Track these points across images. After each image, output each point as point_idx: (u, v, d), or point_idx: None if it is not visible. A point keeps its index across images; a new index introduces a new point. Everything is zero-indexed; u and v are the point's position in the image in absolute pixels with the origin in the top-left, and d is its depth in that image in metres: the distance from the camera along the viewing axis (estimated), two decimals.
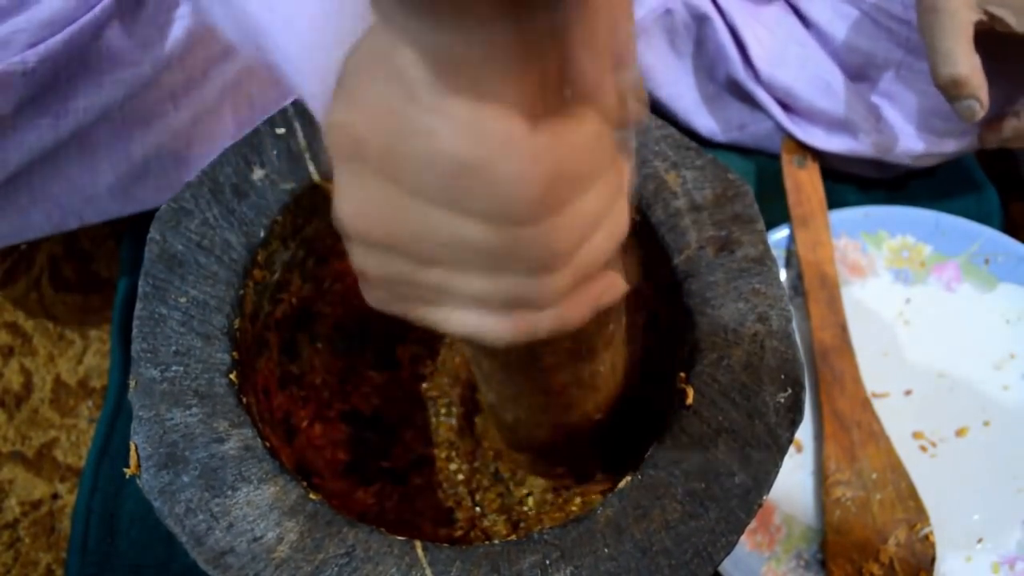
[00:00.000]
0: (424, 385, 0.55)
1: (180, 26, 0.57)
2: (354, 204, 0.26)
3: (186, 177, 0.61)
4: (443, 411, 0.54)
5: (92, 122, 0.56)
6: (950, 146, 0.66)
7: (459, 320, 0.28)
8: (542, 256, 0.25)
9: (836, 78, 0.66)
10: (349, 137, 0.24)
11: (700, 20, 0.67)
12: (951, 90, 0.56)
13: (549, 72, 0.23)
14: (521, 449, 0.49)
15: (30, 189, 0.58)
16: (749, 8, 0.68)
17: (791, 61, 0.66)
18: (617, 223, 0.28)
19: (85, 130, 0.56)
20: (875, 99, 0.67)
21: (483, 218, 0.24)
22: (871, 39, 0.65)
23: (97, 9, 0.52)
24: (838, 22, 0.66)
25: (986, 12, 0.55)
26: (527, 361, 0.37)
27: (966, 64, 0.55)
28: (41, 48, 0.51)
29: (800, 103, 0.67)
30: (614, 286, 0.30)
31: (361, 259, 0.28)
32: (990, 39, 0.56)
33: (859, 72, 0.67)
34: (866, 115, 0.66)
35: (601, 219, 0.26)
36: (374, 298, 0.29)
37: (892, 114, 0.67)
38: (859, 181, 0.72)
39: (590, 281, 0.28)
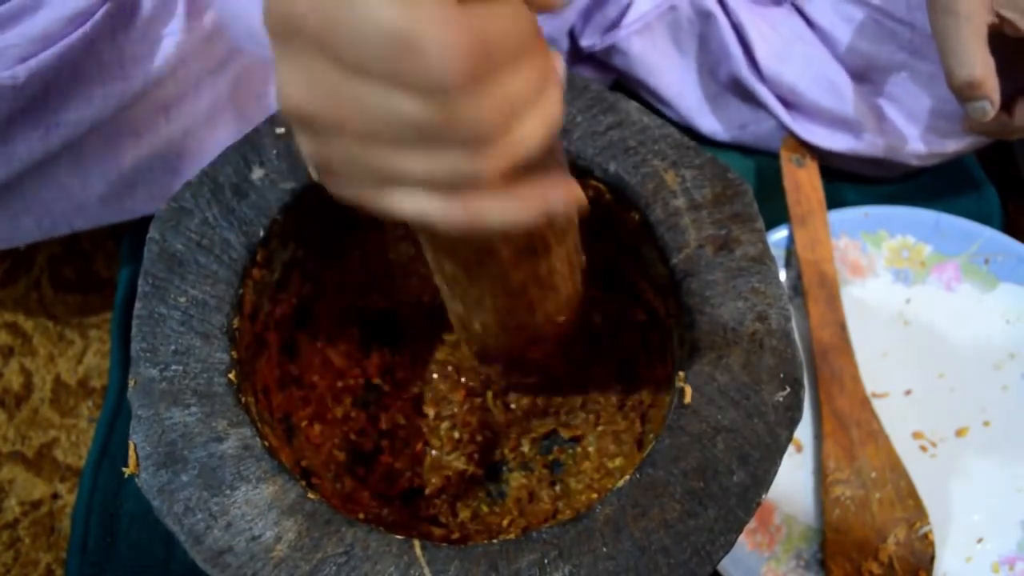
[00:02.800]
0: (424, 386, 0.55)
1: (170, 42, 0.57)
2: (296, 87, 0.27)
3: (177, 188, 0.61)
4: (443, 411, 0.54)
5: (82, 134, 0.56)
6: (952, 146, 0.66)
7: (409, 204, 0.29)
8: (473, 129, 0.26)
9: (840, 77, 0.66)
10: (288, 15, 0.26)
11: (704, 17, 0.67)
12: (966, 92, 0.56)
13: None
14: (491, 360, 0.50)
15: (22, 196, 0.58)
16: (754, 8, 0.68)
17: (795, 59, 0.66)
18: (549, 110, 0.29)
19: (75, 141, 0.57)
20: (878, 101, 0.67)
21: (415, 89, 0.25)
22: (874, 42, 0.65)
23: (88, 26, 0.53)
24: (841, 25, 0.66)
25: (998, 15, 0.55)
26: (485, 257, 0.38)
27: (982, 67, 0.55)
28: (32, 63, 0.52)
29: (803, 101, 0.67)
30: (564, 187, 0.31)
31: (309, 145, 0.29)
32: (997, 41, 0.56)
33: (862, 74, 0.67)
34: (869, 115, 0.66)
35: (530, 101, 0.28)
36: (330, 183, 0.31)
37: (895, 115, 0.67)
38: (859, 180, 0.72)
39: (534, 176, 0.30)
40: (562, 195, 0.31)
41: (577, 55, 0.72)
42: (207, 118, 0.61)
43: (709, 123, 0.72)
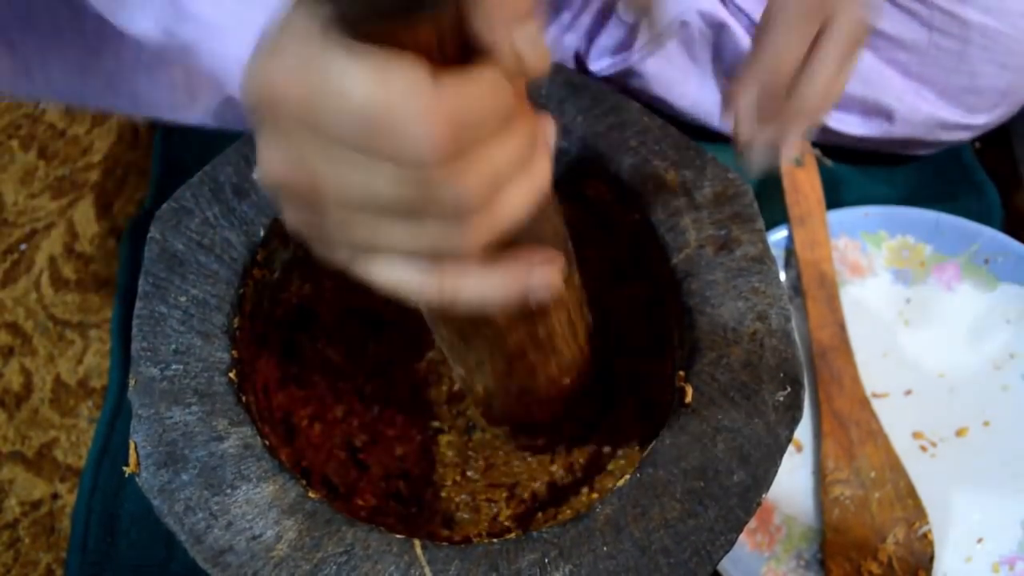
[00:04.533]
0: (423, 384, 0.55)
1: None
2: (276, 160, 0.27)
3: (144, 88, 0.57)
4: (443, 411, 0.54)
5: None
6: (982, 119, 0.67)
7: (387, 275, 0.29)
8: (453, 203, 0.26)
9: (865, 64, 0.66)
10: (268, 94, 0.26)
11: (717, 29, 0.67)
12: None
13: (444, 29, 0.25)
14: (498, 423, 0.50)
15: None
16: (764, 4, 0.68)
17: None
18: (534, 179, 0.29)
19: None
20: (906, 80, 0.67)
21: (392, 164, 0.25)
22: (896, 23, 0.65)
23: None
24: None
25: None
26: (480, 322, 0.37)
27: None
28: None
29: None
30: (547, 262, 0.31)
31: (292, 215, 0.29)
32: None
33: (888, 57, 0.67)
34: (901, 97, 0.66)
35: (514, 172, 0.28)
36: (314, 247, 0.31)
37: (927, 93, 0.67)
38: (859, 177, 0.72)
39: (520, 247, 0.30)
40: (544, 273, 0.31)
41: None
42: None
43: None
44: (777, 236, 0.66)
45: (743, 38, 0.67)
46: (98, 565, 0.58)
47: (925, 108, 0.66)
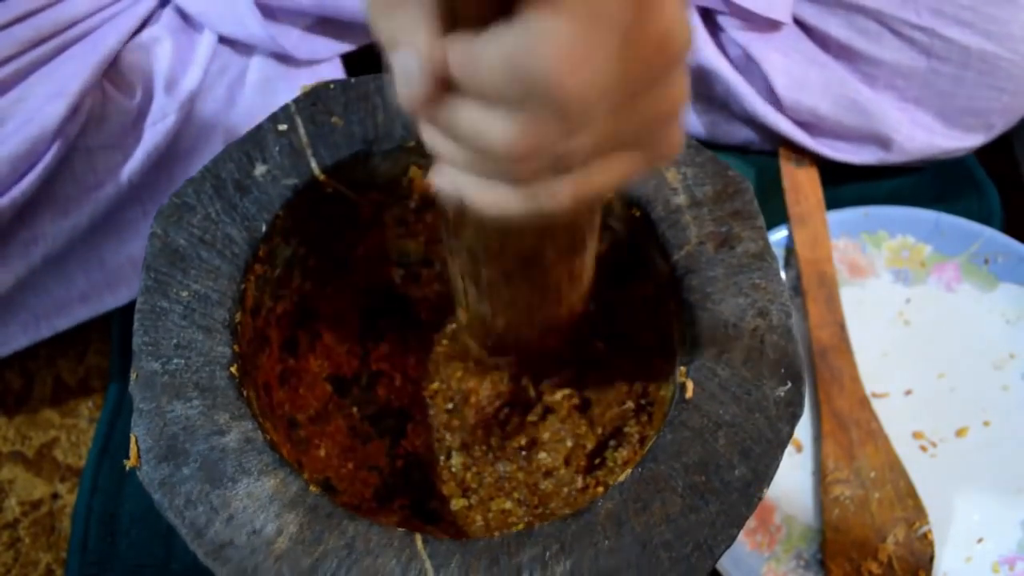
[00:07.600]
0: (425, 382, 0.55)
1: (142, 149, 0.57)
2: None
3: None
4: (446, 407, 0.54)
5: (63, 243, 0.57)
6: (979, 139, 0.67)
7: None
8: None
9: (861, 94, 0.66)
10: None
11: (705, 72, 0.67)
12: None
13: None
14: (504, 353, 0.50)
15: (9, 303, 0.58)
16: (760, 36, 0.68)
17: (813, 84, 0.66)
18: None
19: (58, 251, 0.57)
20: (903, 106, 0.67)
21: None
22: (894, 50, 0.65)
23: (58, 144, 0.52)
24: (858, 38, 0.66)
25: None
26: (530, 262, 0.38)
27: None
28: (12, 192, 0.52)
29: (826, 123, 0.67)
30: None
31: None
32: None
33: (886, 83, 0.67)
34: (896, 125, 0.66)
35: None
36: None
37: (920, 118, 0.67)
38: (859, 180, 0.72)
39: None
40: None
41: None
42: None
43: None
44: (777, 236, 0.66)
45: (730, 76, 0.67)
46: (98, 565, 0.58)
47: (922, 137, 0.67)
